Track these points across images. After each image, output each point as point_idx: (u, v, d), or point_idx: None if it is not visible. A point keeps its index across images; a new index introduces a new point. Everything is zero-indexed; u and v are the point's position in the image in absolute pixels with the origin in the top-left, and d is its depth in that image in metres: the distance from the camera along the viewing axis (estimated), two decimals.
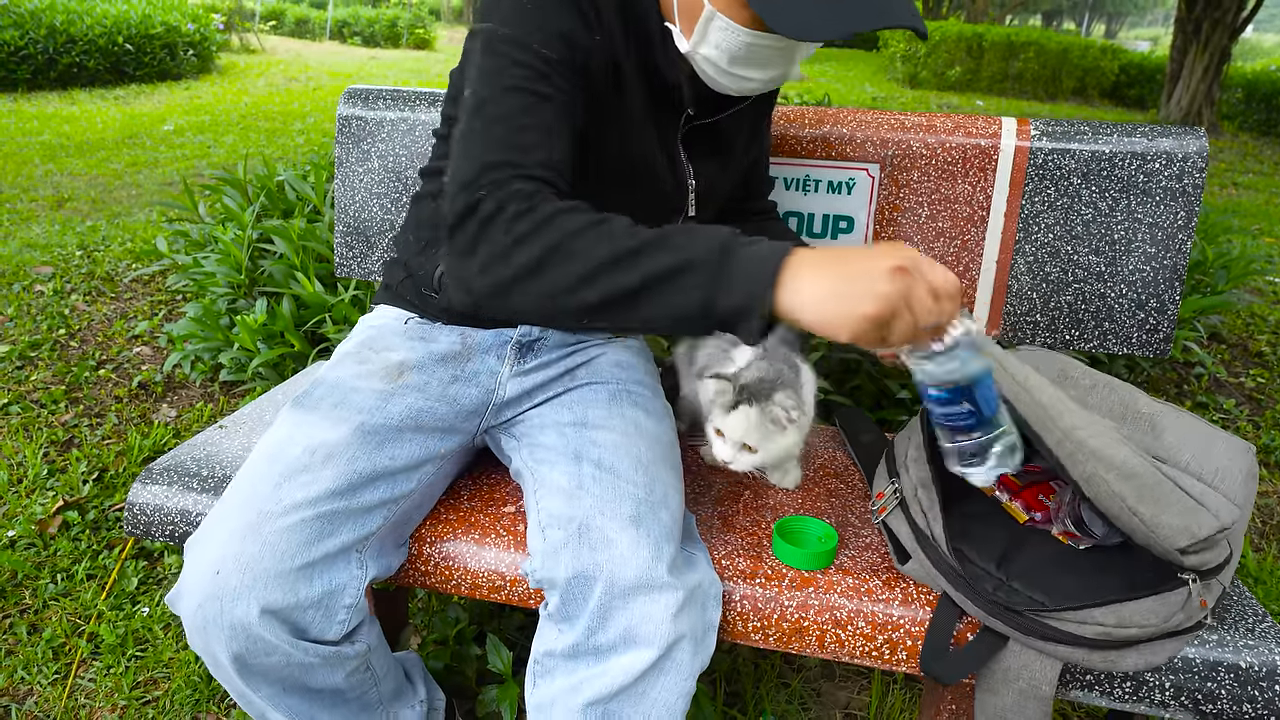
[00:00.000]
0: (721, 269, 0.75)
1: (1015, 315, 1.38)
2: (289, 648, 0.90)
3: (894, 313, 0.70)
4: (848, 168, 1.39)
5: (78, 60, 8.19)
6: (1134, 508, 0.88)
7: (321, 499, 0.93)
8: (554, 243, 0.79)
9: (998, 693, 0.97)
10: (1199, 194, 1.29)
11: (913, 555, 1.02)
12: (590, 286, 0.78)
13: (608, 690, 0.88)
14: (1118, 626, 0.90)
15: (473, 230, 0.83)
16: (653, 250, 0.77)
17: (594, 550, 0.91)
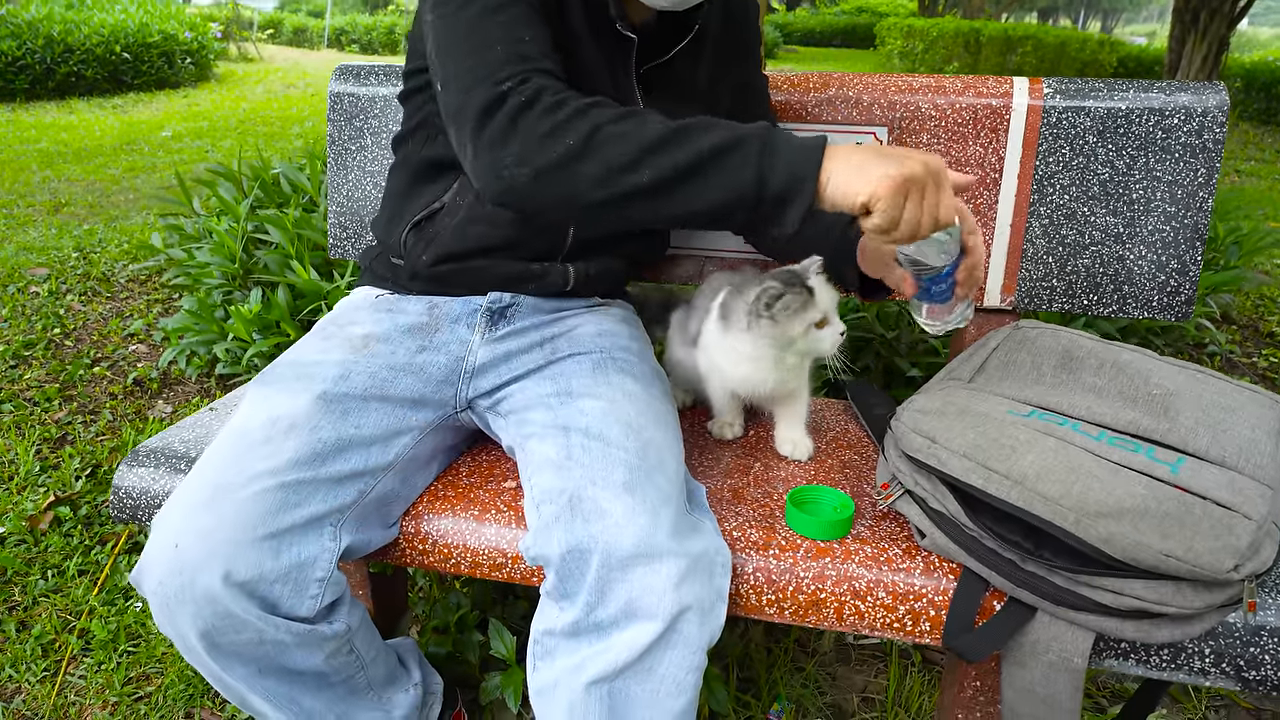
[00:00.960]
0: (771, 146, 0.79)
1: (1031, 280, 1.33)
2: (259, 623, 0.85)
3: (916, 182, 0.77)
4: (854, 131, 1.34)
5: (75, 70, 8.19)
6: (1166, 550, 0.81)
7: (285, 469, 0.89)
8: (597, 126, 0.82)
9: (1026, 666, 0.92)
10: (1220, 150, 1.24)
11: (928, 534, 0.97)
12: (641, 167, 0.80)
13: (612, 667, 0.84)
14: (1157, 603, 0.84)
15: (503, 122, 0.84)
16: (700, 131, 0.80)
17: (587, 522, 0.87)
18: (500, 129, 0.84)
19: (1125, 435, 0.98)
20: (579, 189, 0.83)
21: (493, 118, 0.84)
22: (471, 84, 0.86)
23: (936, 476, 0.97)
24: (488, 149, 0.85)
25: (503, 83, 0.85)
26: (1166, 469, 0.90)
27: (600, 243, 1.15)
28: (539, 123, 0.83)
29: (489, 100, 0.85)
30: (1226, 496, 0.86)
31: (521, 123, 0.83)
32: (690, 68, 1.10)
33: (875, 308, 1.98)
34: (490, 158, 0.85)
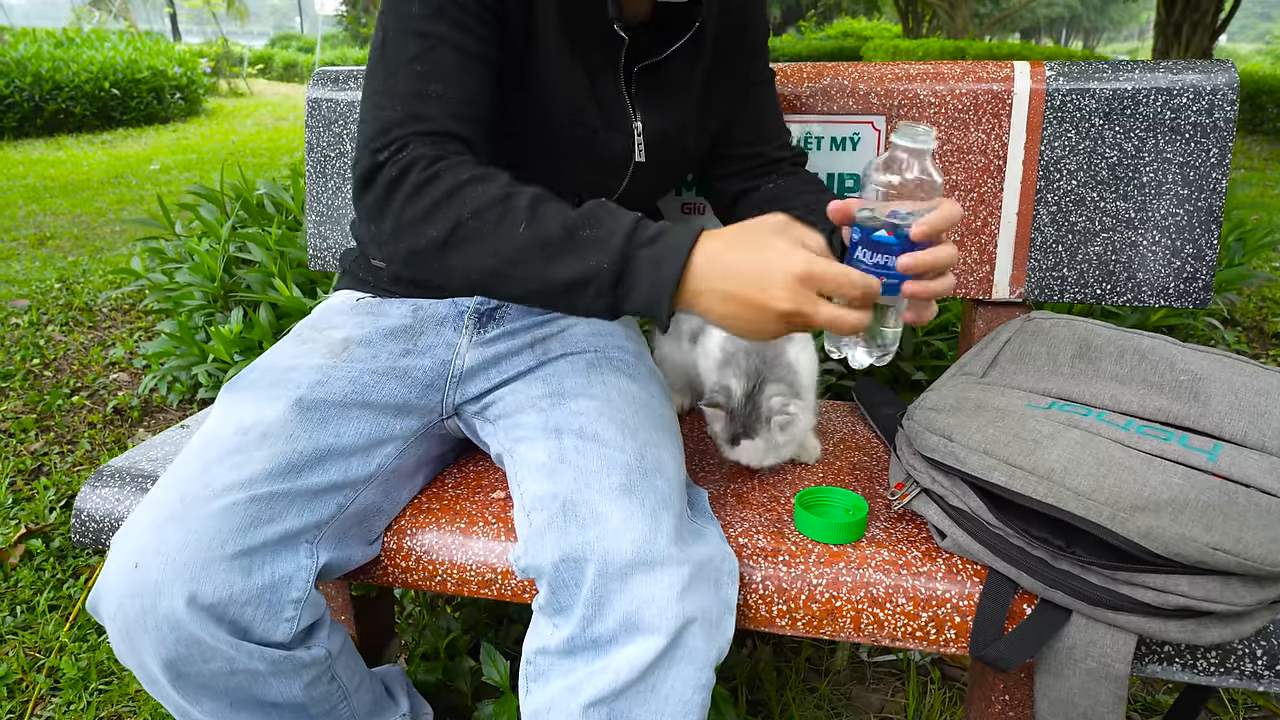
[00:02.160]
0: (629, 277, 0.74)
1: (1041, 270, 1.27)
2: (230, 650, 0.78)
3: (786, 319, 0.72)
4: (850, 122, 1.29)
5: (64, 107, 8.19)
6: (1212, 543, 0.75)
7: (257, 480, 0.82)
8: (459, 221, 0.77)
9: (1062, 675, 0.84)
10: (1231, 129, 1.19)
11: (948, 534, 0.91)
12: (497, 277, 0.78)
13: (611, 688, 0.76)
14: (1204, 600, 0.77)
15: (378, 196, 0.81)
16: (557, 249, 0.75)
17: (582, 527, 0.80)
18: (375, 203, 0.81)
19: (1155, 423, 0.92)
20: (449, 278, 0.80)
21: (370, 188, 0.81)
22: (362, 143, 0.83)
23: (956, 476, 0.91)
24: (366, 218, 0.82)
25: (381, 150, 0.81)
26: (1203, 456, 0.84)
27: None
28: (407, 206, 0.79)
29: (367, 169, 0.81)
30: (1273, 483, 0.80)
31: (393, 201, 0.80)
32: (686, 66, 1.03)
33: None
34: (368, 228, 0.83)
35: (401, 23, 0.85)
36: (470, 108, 0.85)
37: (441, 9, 0.84)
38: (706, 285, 0.74)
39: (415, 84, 0.83)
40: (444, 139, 0.82)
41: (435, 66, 0.83)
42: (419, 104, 0.83)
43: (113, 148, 7.64)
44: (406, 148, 0.80)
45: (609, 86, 0.98)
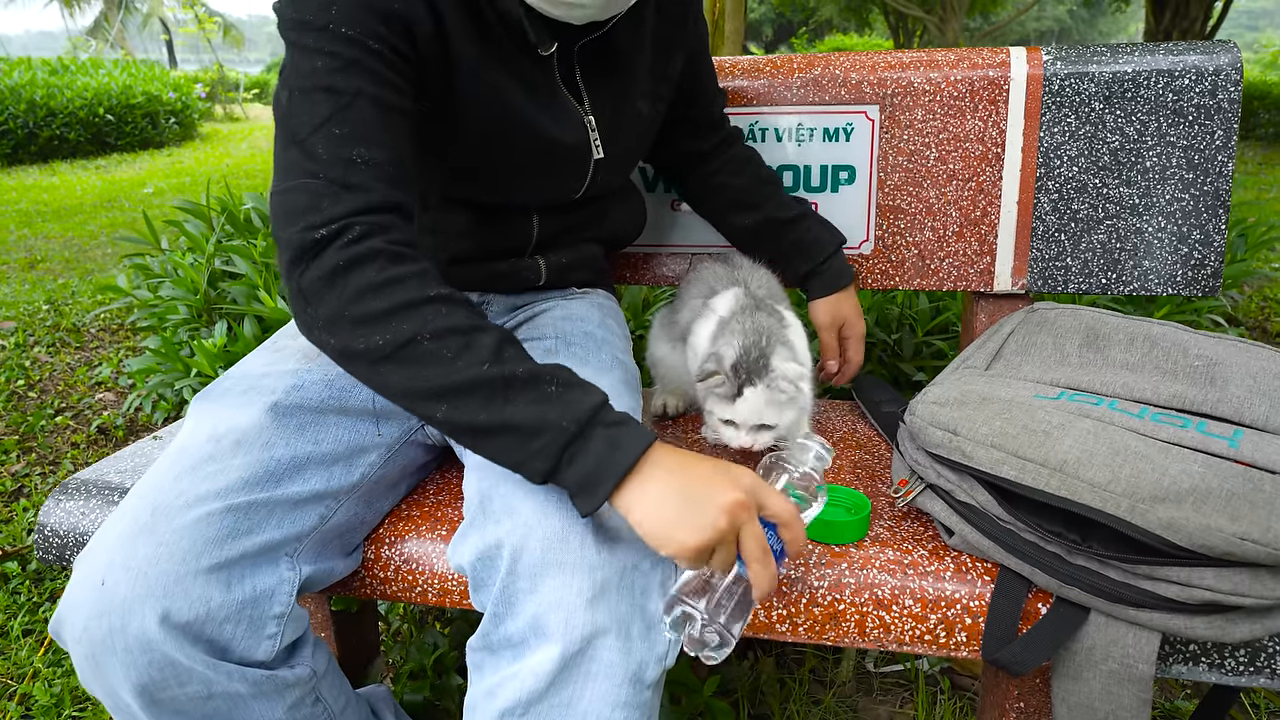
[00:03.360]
0: (581, 445, 0.71)
1: (1043, 261, 1.23)
2: (209, 672, 0.72)
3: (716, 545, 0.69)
4: (844, 112, 1.26)
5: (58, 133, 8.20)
6: (1240, 533, 0.70)
7: (233, 490, 0.77)
8: (415, 336, 0.71)
9: (1081, 678, 0.79)
10: (1236, 110, 1.16)
11: (956, 531, 0.86)
12: (441, 403, 0.71)
13: (521, 696, 0.72)
14: (1231, 594, 0.72)
15: (317, 279, 0.72)
16: (519, 391, 0.71)
17: (497, 523, 0.76)
18: (314, 285, 0.72)
19: (1170, 410, 0.87)
20: (377, 386, 0.74)
21: (305, 267, 0.72)
22: (286, 215, 0.73)
23: (964, 471, 0.86)
24: (299, 297, 0.74)
25: (317, 228, 0.72)
26: (1224, 443, 0.79)
27: (572, 228, 1.05)
28: (356, 303, 0.71)
29: (301, 248, 0.72)
30: None
31: (337, 291, 0.72)
32: (631, 48, 0.98)
33: (876, 312, 1.88)
34: (300, 307, 0.74)
35: (307, 79, 0.75)
36: (399, 168, 0.77)
37: (353, 61, 0.75)
38: (653, 470, 0.71)
39: (337, 148, 0.74)
40: (383, 213, 0.75)
41: (356, 127, 0.75)
42: (346, 172, 0.74)
43: (107, 172, 7.64)
44: (350, 230, 0.72)
45: (546, 87, 0.92)
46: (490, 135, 0.90)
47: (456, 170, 0.93)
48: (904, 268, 1.28)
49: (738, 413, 0.98)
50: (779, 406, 0.98)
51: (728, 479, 0.71)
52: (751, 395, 0.97)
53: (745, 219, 1.20)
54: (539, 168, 0.95)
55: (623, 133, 1.00)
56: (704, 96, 1.16)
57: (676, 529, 0.68)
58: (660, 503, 0.69)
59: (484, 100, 0.88)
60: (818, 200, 1.29)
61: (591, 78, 0.96)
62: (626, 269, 1.36)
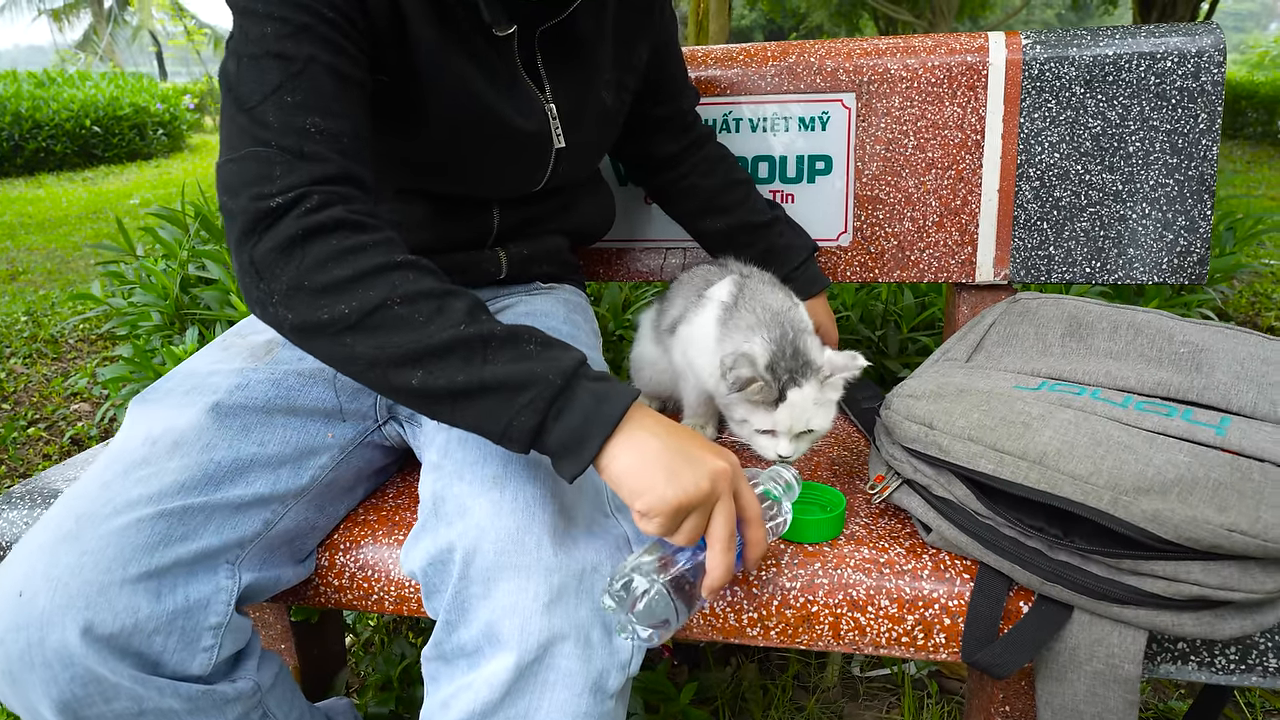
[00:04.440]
0: (568, 396, 0.67)
1: (1026, 250, 1.20)
2: (137, 687, 0.68)
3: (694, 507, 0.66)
4: (819, 100, 1.23)
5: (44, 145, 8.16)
6: (1228, 525, 0.66)
7: (168, 494, 0.73)
8: (385, 301, 0.67)
9: (1066, 680, 0.75)
10: (1220, 92, 1.13)
11: (934, 527, 0.82)
12: (415, 369, 0.66)
13: (474, 708, 0.68)
14: (1220, 588, 0.69)
15: (271, 250, 0.67)
16: (497, 349, 0.67)
17: (449, 524, 0.73)
18: (268, 257, 0.67)
19: (1155, 399, 0.84)
20: (342, 360, 0.68)
21: (259, 238, 0.67)
22: (236, 185, 0.68)
23: (941, 466, 0.82)
24: (251, 271, 0.68)
25: (270, 197, 0.67)
26: (1210, 431, 0.76)
27: (535, 219, 1.02)
28: (316, 271, 0.66)
29: (254, 218, 0.67)
30: None
31: (295, 261, 0.67)
32: (593, 36, 0.95)
33: (860, 309, 1.84)
34: (251, 282, 0.69)
35: (256, 45, 0.71)
36: (357, 142, 0.73)
37: (304, 27, 0.71)
38: (640, 425, 0.67)
39: (289, 116, 0.69)
40: (342, 184, 0.70)
41: (309, 95, 0.70)
42: (301, 141, 0.69)
43: (93, 184, 7.59)
44: (308, 199, 0.68)
45: (506, 73, 0.89)
46: (450, 121, 0.87)
47: (415, 158, 0.89)
48: (883, 260, 1.25)
49: (779, 421, 0.85)
50: (826, 407, 0.87)
51: (716, 448, 0.69)
52: (797, 398, 0.84)
53: (716, 223, 1.16)
54: (499, 156, 0.91)
55: (585, 122, 0.96)
56: (673, 92, 1.13)
57: (658, 482, 0.65)
58: (644, 455, 0.66)
59: (443, 84, 0.84)
60: (794, 192, 1.26)
61: (553, 64, 0.92)
62: (599, 265, 1.32)
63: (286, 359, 0.90)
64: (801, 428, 0.85)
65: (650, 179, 1.20)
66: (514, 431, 0.66)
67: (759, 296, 0.94)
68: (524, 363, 0.67)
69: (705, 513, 0.66)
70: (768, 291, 0.96)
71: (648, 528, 0.66)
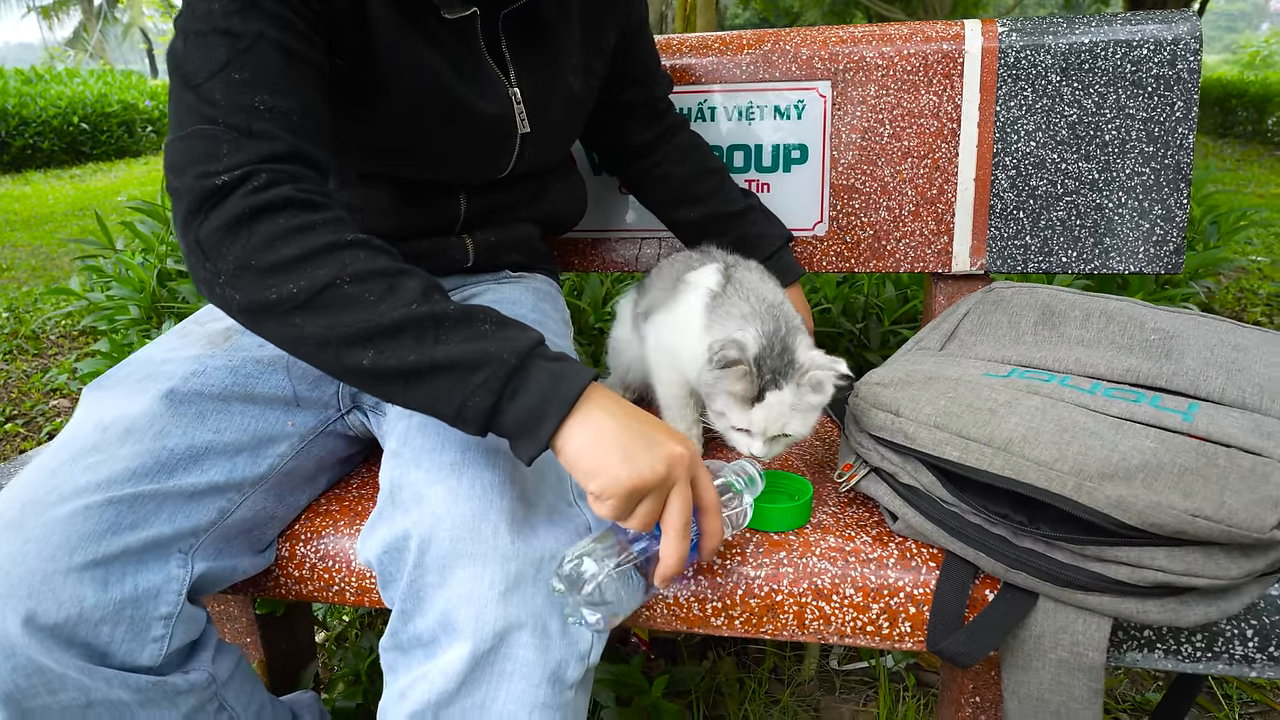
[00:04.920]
0: (523, 375, 0.66)
1: (1002, 240, 1.19)
2: (84, 679, 0.67)
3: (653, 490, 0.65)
4: (794, 88, 1.21)
5: (31, 142, 8.10)
6: (1192, 510, 0.65)
7: (117, 481, 0.72)
8: (335, 280, 0.65)
9: (1031, 668, 0.74)
10: (1196, 80, 1.12)
11: (900, 515, 0.81)
12: (366, 348, 0.65)
13: (429, 699, 0.67)
14: (1184, 574, 0.68)
15: (218, 228, 0.66)
16: (451, 328, 0.66)
17: (405, 512, 0.71)
18: (214, 236, 0.65)
19: (1124, 385, 0.83)
20: (292, 341, 0.67)
21: (205, 217, 0.66)
22: (182, 164, 0.67)
23: (907, 453, 0.81)
24: (197, 251, 0.66)
25: (216, 175, 0.65)
26: (1177, 417, 0.75)
27: (503, 207, 1.00)
28: (264, 250, 0.65)
29: (201, 194, 0.66)
30: (1255, 441, 0.71)
31: (243, 239, 0.65)
32: (558, 20, 0.94)
33: (842, 302, 1.84)
34: (197, 262, 0.67)
35: (202, 21, 0.69)
36: (309, 121, 0.72)
37: (252, 3, 0.69)
38: (597, 406, 0.66)
39: (237, 94, 0.68)
40: (292, 163, 0.69)
41: (257, 72, 0.68)
42: (249, 119, 0.68)
43: (81, 182, 7.54)
44: (255, 177, 0.66)
45: (469, 56, 0.87)
46: (411, 104, 0.85)
47: (376, 142, 0.88)
48: (859, 249, 1.24)
49: (754, 420, 0.81)
50: (805, 412, 0.83)
51: (675, 434, 0.68)
52: (775, 400, 0.81)
53: (690, 212, 1.15)
54: (462, 140, 0.90)
55: (551, 107, 0.95)
56: (645, 78, 1.11)
57: (613, 463, 0.63)
58: (599, 435, 0.64)
59: (403, 66, 0.83)
60: (770, 181, 1.25)
61: (517, 48, 0.91)
62: (574, 255, 1.31)
63: (245, 346, 0.88)
64: (776, 431, 0.82)
65: (623, 167, 1.19)
66: (468, 412, 0.65)
67: (750, 286, 0.91)
68: (478, 342, 0.65)
69: (661, 498, 0.65)
70: (759, 281, 0.93)
71: (601, 510, 0.64)
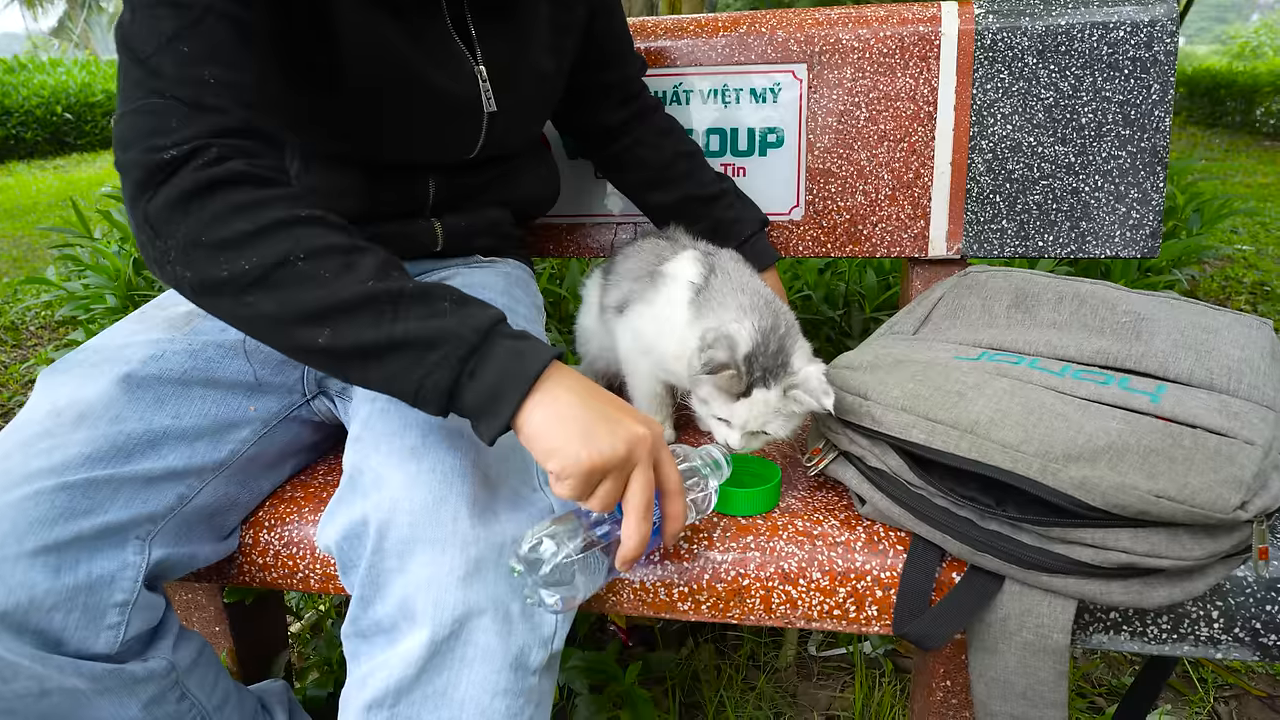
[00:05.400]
0: (483, 353, 0.65)
1: (979, 224, 1.18)
2: (37, 666, 0.66)
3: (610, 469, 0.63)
4: (770, 71, 1.20)
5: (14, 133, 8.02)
6: (1156, 491, 0.65)
7: (72, 466, 0.71)
8: (288, 257, 0.64)
9: (997, 651, 0.74)
10: (1172, 62, 1.11)
11: (868, 499, 0.80)
12: (321, 326, 0.64)
13: (389, 686, 0.66)
14: (1148, 555, 0.67)
15: (167, 204, 0.64)
16: (407, 307, 0.64)
17: (364, 496, 0.71)
18: (162, 212, 0.64)
19: (1093, 367, 0.82)
20: (246, 320, 0.66)
21: (154, 192, 0.64)
22: (131, 138, 0.65)
23: (875, 437, 0.81)
24: (146, 227, 0.65)
25: (165, 149, 0.63)
26: (1145, 399, 0.74)
27: (473, 190, 0.99)
28: (215, 225, 0.63)
29: (149, 170, 0.64)
30: (1220, 422, 0.70)
31: (193, 215, 0.63)
32: None
33: (823, 289, 1.83)
34: (147, 239, 0.66)
35: None
36: (261, 95, 0.70)
37: None
38: (558, 384, 0.65)
39: (186, 67, 0.66)
40: (244, 138, 0.67)
41: (207, 44, 0.66)
42: (199, 92, 0.66)
43: (65, 172, 7.47)
44: (205, 151, 0.65)
45: (433, 32, 0.85)
46: (371, 81, 0.83)
47: (339, 121, 0.86)
48: (836, 234, 1.23)
49: (736, 414, 0.80)
50: (788, 417, 0.82)
51: (638, 415, 0.67)
52: (761, 398, 0.79)
53: (664, 196, 1.14)
54: (425, 119, 0.88)
55: (519, 86, 0.93)
56: (617, 58, 1.10)
57: (573, 442, 0.62)
58: (559, 414, 0.63)
59: (363, 41, 0.81)
60: (746, 165, 1.24)
61: (483, 25, 0.89)
62: (549, 240, 1.30)
63: (206, 330, 0.87)
64: (757, 427, 0.81)
65: (597, 150, 1.18)
66: (427, 391, 0.64)
67: (740, 277, 0.89)
68: (437, 319, 0.64)
69: (621, 479, 0.64)
70: (748, 274, 0.91)
71: (560, 490, 0.63)
